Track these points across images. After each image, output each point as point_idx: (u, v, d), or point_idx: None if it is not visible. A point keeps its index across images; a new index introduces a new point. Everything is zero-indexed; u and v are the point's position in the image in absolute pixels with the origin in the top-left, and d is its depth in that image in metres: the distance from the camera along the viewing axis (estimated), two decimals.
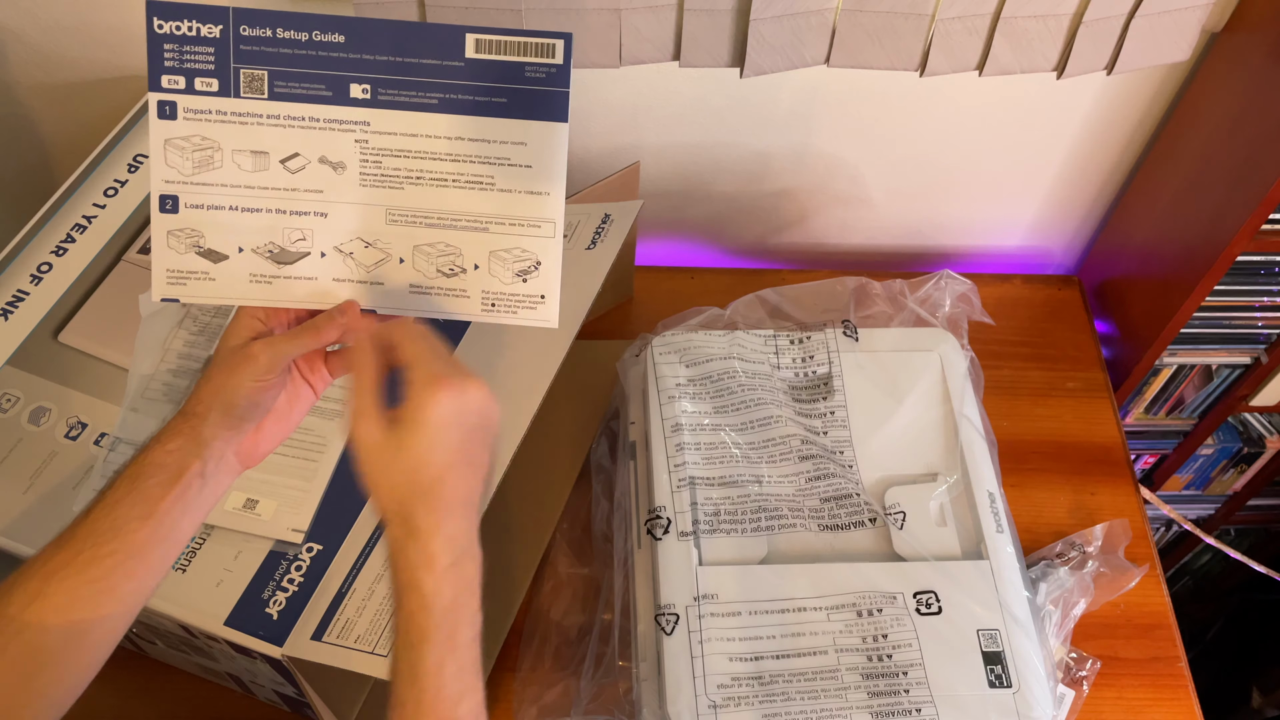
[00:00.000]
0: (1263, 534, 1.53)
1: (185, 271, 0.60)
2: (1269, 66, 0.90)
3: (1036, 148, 1.13)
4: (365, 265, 0.61)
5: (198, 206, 0.59)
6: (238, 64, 0.58)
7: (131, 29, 0.99)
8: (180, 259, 0.60)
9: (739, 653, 0.80)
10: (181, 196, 0.59)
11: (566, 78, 0.59)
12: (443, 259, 0.62)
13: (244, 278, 0.61)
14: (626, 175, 1.00)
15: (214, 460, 0.59)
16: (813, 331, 0.97)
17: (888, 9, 0.89)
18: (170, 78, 0.57)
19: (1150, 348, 1.09)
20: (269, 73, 0.58)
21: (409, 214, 0.61)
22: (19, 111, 1.07)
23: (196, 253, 0.60)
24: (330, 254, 0.61)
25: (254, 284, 0.61)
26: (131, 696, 0.87)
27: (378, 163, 0.60)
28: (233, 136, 0.59)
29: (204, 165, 0.59)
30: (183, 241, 0.60)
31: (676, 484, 0.87)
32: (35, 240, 0.89)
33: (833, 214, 1.20)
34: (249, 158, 0.59)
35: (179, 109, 0.58)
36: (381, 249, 0.61)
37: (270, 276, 0.61)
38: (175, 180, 0.59)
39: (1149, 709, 0.91)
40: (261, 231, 0.60)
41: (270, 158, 0.59)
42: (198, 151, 0.58)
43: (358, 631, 0.71)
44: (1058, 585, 0.91)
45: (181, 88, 0.57)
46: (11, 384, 0.81)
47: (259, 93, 0.58)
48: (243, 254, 0.60)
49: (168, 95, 0.58)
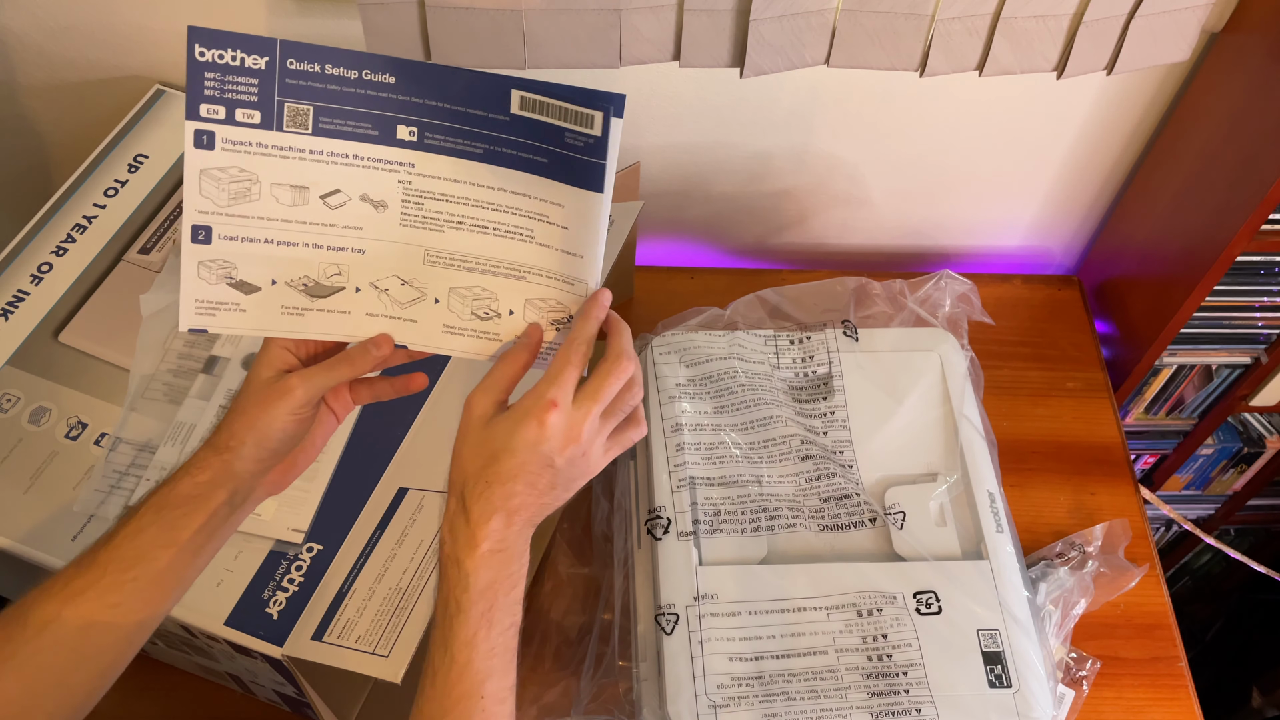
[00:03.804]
0: (1263, 534, 1.53)
1: (215, 302, 0.59)
2: (1269, 66, 0.90)
3: (1036, 148, 1.13)
4: (400, 302, 0.61)
5: (231, 238, 0.58)
6: (282, 97, 0.56)
7: (132, 29, 0.99)
8: (210, 290, 0.58)
9: (739, 653, 0.80)
10: (215, 228, 0.57)
11: (604, 150, 0.57)
12: (478, 302, 0.61)
13: (275, 310, 0.59)
14: (626, 175, 1.00)
15: (243, 493, 0.60)
16: (813, 331, 0.97)
17: (888, 9, 0.89)
18: (210, 107, 0.55)
19: (1150, 348, 1.09)
20: (314, 108, 0.56)
21: (447, 256, 0.60)
22: (20, 112, 1.07)
23: (228, 284, 0.58)
24: (365, 289, 0.60)
25: (285, 316, 0.59)
26: (131, 696, 0.87)
27: (420, 204, 0.59)
28: (273, 170, 0.57)
29: (240, 197, 0.57)
30: (214, 273, 0.58)
31: (676, 484, 0.87)
32: (35, 240, 0.89)
33: (833, 214, 1.20)
34: (288, 192, 0.58)
35: (217, 139, 0.56)
36: (417, 288, 0.61)
37: (303, 309, 0.60)
38: (209, 211, 0.57)
39: (1149, 709, 0.91)
40: (296, 265, 0.59)
41: (310, 193, 0.58)
42: (234, 183, 0.57)
43: (358, 632, 0.71)
44: (1058, 585, 0.91)
45: (221, 118, 0.55)
46: (11, 384, 0.81)
47: (303, 128, 0.56)
48: (275, 286, 0.59)
49: (206, 125, 0.55)
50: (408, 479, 0.78)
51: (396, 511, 0.76)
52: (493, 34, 0.87)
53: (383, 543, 0.75)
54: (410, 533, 0.75)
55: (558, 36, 0.88)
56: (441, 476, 0.77)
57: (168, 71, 1.03)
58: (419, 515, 0.76)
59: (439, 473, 0.77)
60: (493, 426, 0.58)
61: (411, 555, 0.74)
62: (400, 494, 0.77)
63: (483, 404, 0.59)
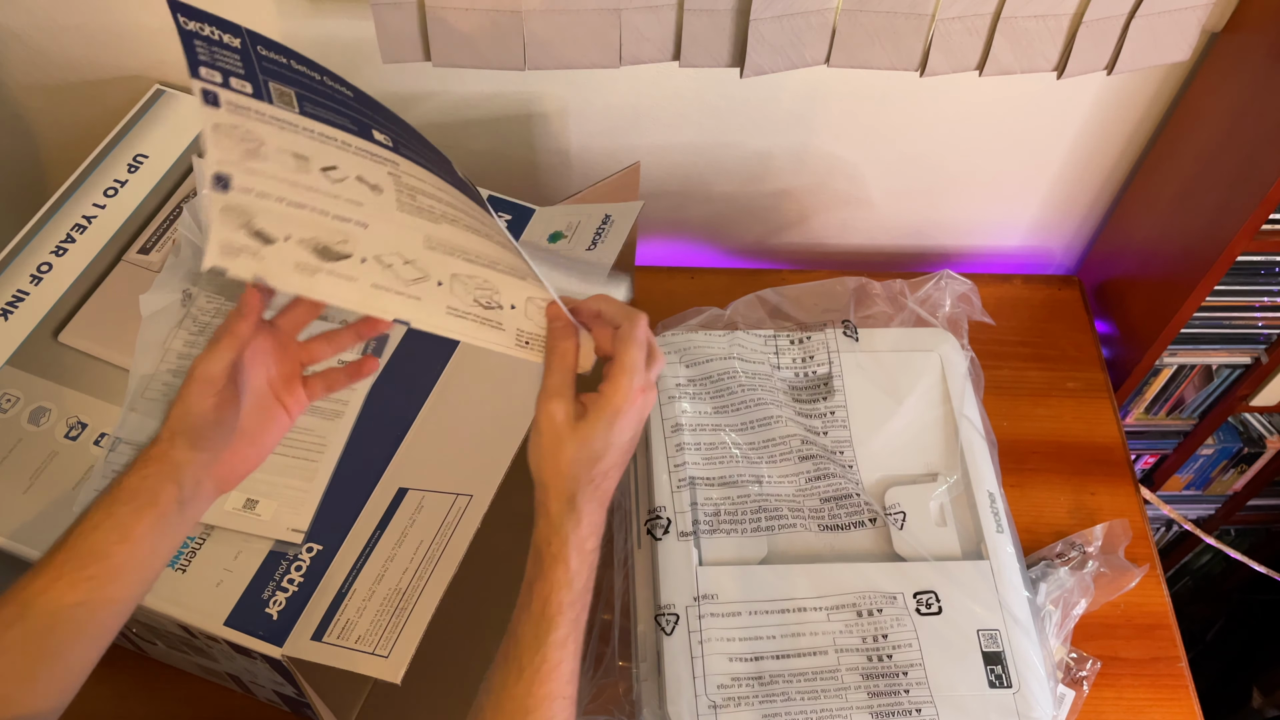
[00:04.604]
0: (1263, 534, 1.53)
1: (238, 246, 0.58)
2: (1269, 66, 0.90)
3: (1036, 148, 1.13)
4: (404, 279, 0.61)
5: (247, 190, 0.58)
6: (264, 76, 0.56)
7: (131, 29, 0.99)
8: (233, 234, 0.58)
9: (739, 653, 0.80)
10: (234, 177, 0.57)
11: None
12: (480, 292, 0.61)
13: (290, 264, 0.59)
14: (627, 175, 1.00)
15: (190, 486, 0.60)
16: (813, 331, 0.97)
17: (888, 9, 0.89)
18: (207, 70, 0.55)
19: (1150, 348, 1.09)
20: (295, 93, 0.56)
21: (446, 246, 0.60)
22: (19, 112, 1.07)
23: (247, 231, 0.59)
24: (371, 261, 0.60)
25: (298, 272, 0.59)
26: (131, 696, 0.87)
27: (412, 197, 0.59)
28: (273, 137, 0.57)
29: (250, 155, 0.57)
30: (235, 218, 0.58)
31: (676, 484, 0.87)
32: (35, 240, 0.89)
33: (833, 214, 1.20)
34: (291, 159, 0.58)
35: (221, 100, 0.55)
36: (420, 269, 0.61)
37: (314, 269, 0.60)
38: (227, 161, 0.57)
39: (1149, 709, 0.91)
40: (306, 226, 0.59)
41: (311, 164, 0.58)
42: (244, 142, 0.57)
43: (358, 632, 0.71)
44: (1058, 585, 0.91)
45: (218, 82, 0.55)
46: (11, 384, 0.81)
47: (290, 106, 0.57)
48: (289, 241, 0.59)
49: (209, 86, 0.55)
50: (408, 479, 0.78)
51: (396, 511, 0.76)
52: (493, 34, 0.87)
53: (383, 543, 0.75)
54: (410, 533, 0.75)
55: (557, 37, 0.88)
56: (442, 477, 0.77)
57: (168, 71, 1.03)
58: (419, 515, 0.76)
59: (439, 473, 0.77)
60: (589, 426, 0.59)
61: (411, 555, 0.74)
62: (400, 494, 0.77)
63: (563, 408, 0.60)
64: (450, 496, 0.76)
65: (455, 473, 0.77)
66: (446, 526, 0.75)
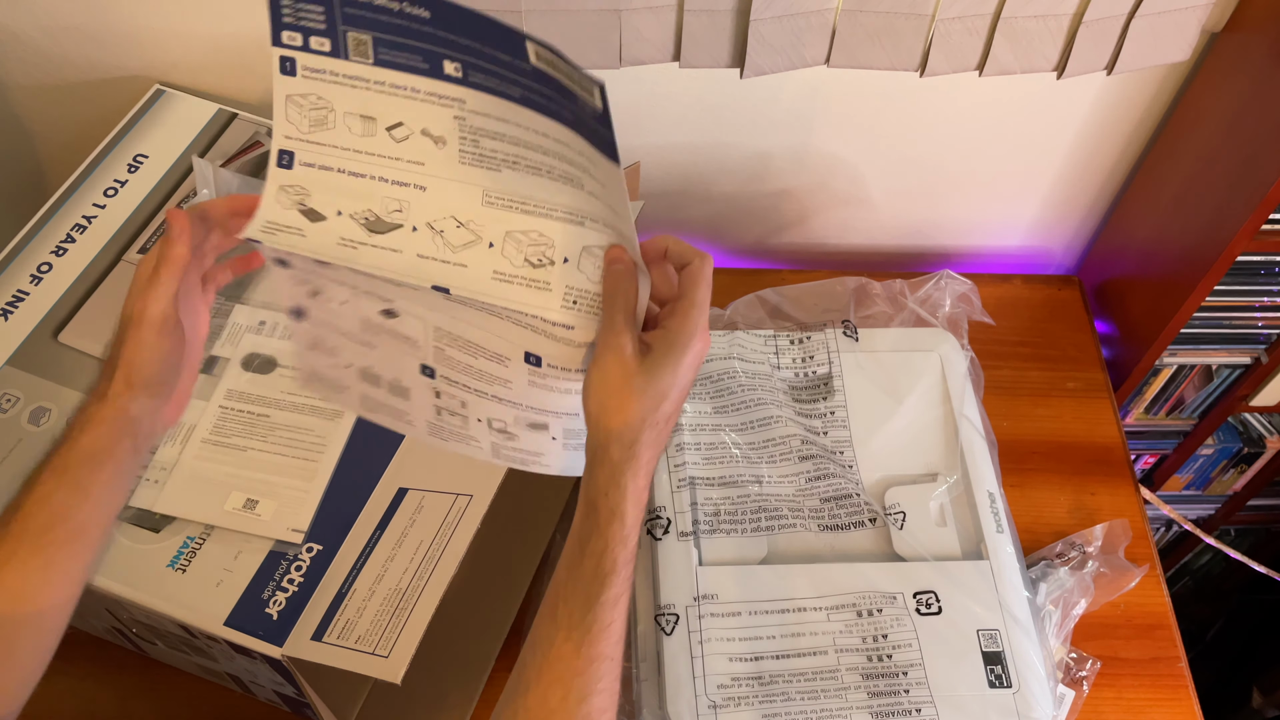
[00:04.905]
0: (1263, 534, 1.53)
1: (282, 225, 0.60)
2: (1269, 66, 0.90)
3: (1036, 148, 1.13)
4: (453, 245, 0.61)
5: (310, 165, 0.59)
6: (344, 25, 0.56)
7: (132, 29, 0.99)
8: (283, 213, 0.60)
9: (739, 653, 0.80)
10: (298, 153, 0.59)
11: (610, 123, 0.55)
12: (533, 248, 0.61)
13: (333, 240, 0.60)
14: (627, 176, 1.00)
15: (145, 436, 0.60)
16: (813, 331, 0.97)
17: (888, 9, 0.89)
18: (289, 34, 0.56)
19: (1150, 348, 1.09)
20: (373, 38, 0.57)
21: (506, 198, 0.60)
22: (19, 112, 1.07)
23: (299, 210, 0.60)
24: (422, 229, 0.60)
25: (340, 246, 0.60)
26: (131, 696, 0.87)
27: (475, 142, 0.59)
28: (344, 99, 0.58)
29: (319, 125, 0.59)
30: (290, 197, 0.60)
31: (676, 484, 0.87)
32: (35, 240, 0.89)
33: (833, 214, 1.20)
34: (358, 121, 0.59)
35: (297, 66, 0.57)
36: (474, 230, 0.61)
37: (358, 243, 0.60)
38: (294, 137, 0.59)
39: (1149, 709, 0.91)
40: (362, 197, 0.60)
41: (377, 124, 0.59)
42: (314, 110, 0.58)
43: (358, 632, 0.71)
44: (1058, 585, 0.91)
45: (299, 44, 0.56)
46: (11, 384, 0.81)
47: (365, 57, 0.57)
48: (340, 218, 0.60)
49: (288, 51, 0.56)
50: (408, 479, 0.78)
51: (396, 511, 0.76)
52: None
53: (383, 543, 0.75)
54: (410, 533, 0.75)
55: (557, 37, 0.88)
56: (442, 477, 0.78)
57: (168, 71, 1.03)
58: (419, 515, 0.76)
59: (439, 473, 0.77)
60: (656, 363, 0.55)
61: (411, 555, 0.74)
62: (400, 494, 0.77)
63: (632, 343, 0.55)
64: (450, 496, 0.76)
65: (455, 473, 0.77)
66: (446, 526, 0.75)
